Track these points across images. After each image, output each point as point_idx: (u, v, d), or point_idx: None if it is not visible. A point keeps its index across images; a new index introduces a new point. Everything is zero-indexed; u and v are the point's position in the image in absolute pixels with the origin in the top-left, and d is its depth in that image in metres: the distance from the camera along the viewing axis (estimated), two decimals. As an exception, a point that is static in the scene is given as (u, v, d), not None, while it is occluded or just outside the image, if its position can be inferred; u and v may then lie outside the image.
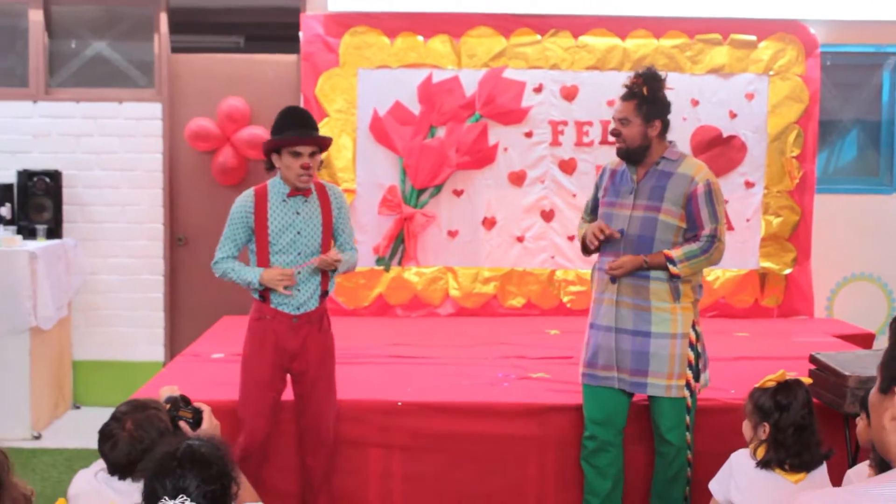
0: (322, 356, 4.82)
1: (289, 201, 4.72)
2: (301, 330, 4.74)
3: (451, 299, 7.75)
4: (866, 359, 4.88)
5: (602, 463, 4.76)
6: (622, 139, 4.70)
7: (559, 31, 7.74)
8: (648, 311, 4.64)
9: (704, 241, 4.67)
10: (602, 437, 4.74)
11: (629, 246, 4.66)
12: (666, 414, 4.68)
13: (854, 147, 8.38)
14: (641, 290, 4.64)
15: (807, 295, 7.91)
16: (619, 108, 4.74)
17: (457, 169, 7.66)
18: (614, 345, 4.67)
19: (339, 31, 7.66)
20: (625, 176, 4.77)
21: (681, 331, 4.66)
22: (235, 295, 7.77)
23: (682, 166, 4.72)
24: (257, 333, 4.78)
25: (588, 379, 4.77)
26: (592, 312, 4.82)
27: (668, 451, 4.72)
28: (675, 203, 4.66)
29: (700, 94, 7.75)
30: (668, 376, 4.63)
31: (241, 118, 7.73)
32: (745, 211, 7.82)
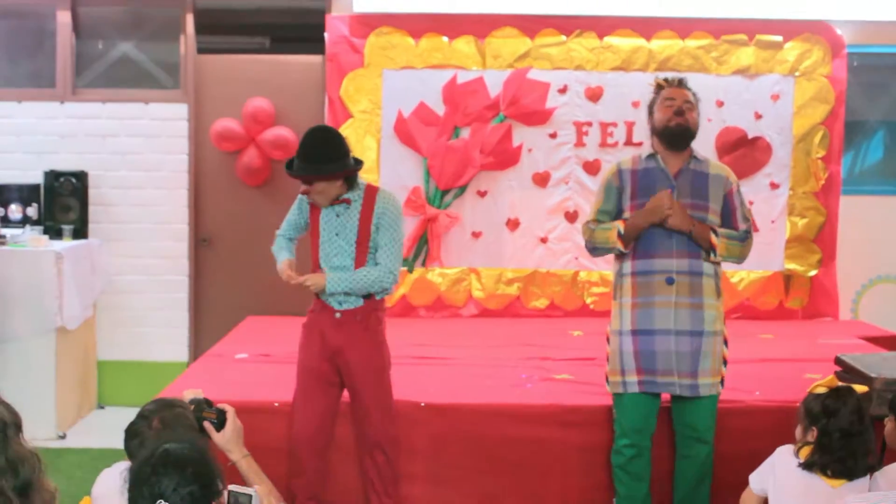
0: (368, 355, 4.79)
1: (332, 207, 4.81)
2: (344, 326, 4.76)
3: (475, 300, 7.75)
4: (893, 361, 4.84)
5: (639, 468, 4.70)
6: (685, 119, 4.64)
7: (584, 32, 7.72)
8: (702, 310, 4.59)
9: (742, 232, 4.74)
10: (640, 443, 4.69)
11: (681, 243, 4.59)
12: (703, 413, 4.65)
13: (880, 148, 8.33)
14: (696, 287, 4.58)
15: (832, 297, 7.86)
16: (681, 94, 4.71)
17: (481, 170, 7.66)
18: (674, 348, 4.58)
19: (364, 32, 7.68)
20: (653, 174, 4.68)
21: (720, 328, 4.67)
22: (260, 295, 7.83)
23: (712, 167, 4.75)
24: (308, 325, 4.89)
25: (646, 387, 4.61)
26: (634, 318, 4.64)
27: (700, 452, 4.67)
28: (717, 203, 4.69)
29: (725, 95, 7.72)
30: (713, 373, 4.62)
31: (266, 119, 7.75)
32: (771, 212, 7.78)
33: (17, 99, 7.87)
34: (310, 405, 4.81)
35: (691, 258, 4.60)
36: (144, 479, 2.47)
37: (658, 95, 4.78)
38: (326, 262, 4.81)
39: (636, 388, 4.63)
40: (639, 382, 4.63)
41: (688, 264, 4.60)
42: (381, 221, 4.76)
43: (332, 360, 4.79)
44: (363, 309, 4.79)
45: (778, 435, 4.65)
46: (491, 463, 5.07)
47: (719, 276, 4.72)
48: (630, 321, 4.66)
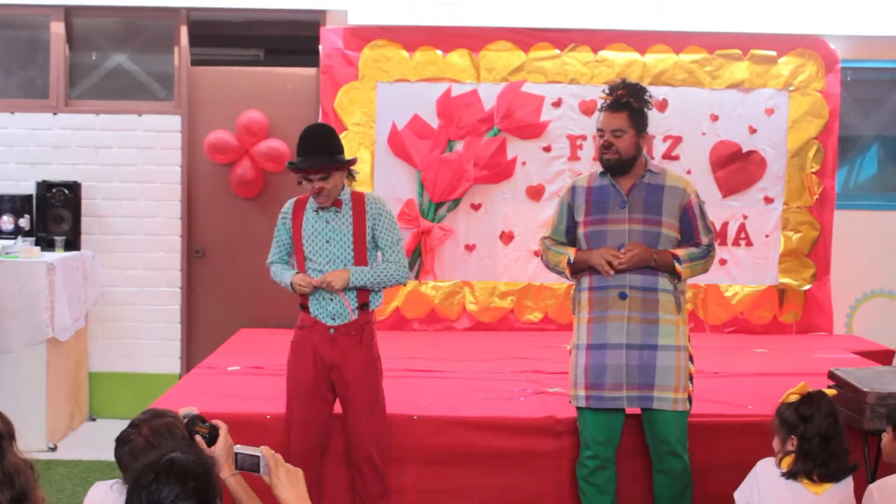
0: (363, 370, 4.74)
1: (321, 212, 4.75)
2: (339, 342, 4.71)
3: (468, 313, 7.73)
4: (886, 375, 4.83)
5: (602, 481, 4.69)
6: (615, 150, 4.60)
7: (578, 46, 7.73)
8: (656, 324, 4.58)
9: (704, 248, 4.70)
10: (603, 455, 4.68)
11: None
12: (673, 427, 4.63)
13: (874, 163, 8.34)
14: (650, 303, 4.59)
15: (826, 311, 7.86)
16: (610, 120, 4.62)
17: (475, 183, 7.65)
18: (624, 361, 4.59)
19: (359, 45, 7.68)
20: (606, 191, 4.68)
21: (683, 343, 4.65)
22: (253, 307, 7.82)
23: (669, 178, 4.71)
24: (298, 342, 4.81)
25: (593, 402, 4.63)
26: (589, 333, 4.67)
27: (676, 466, 4.64)
28: (672, 216, 4.65)
29: (720, 109, 7.73)
30: (675, 389, 4.58)
31: (259, 131, 7.74)
32: (765, 226, 7.78)
33: (10, 110, 7.86)
34: (305, 421, 4.76)
35: (645, 274, 4.59)
36: (145, 484, 2.44)
37: (599, 114, 4.73)
38: (316, 273, 4.73)
39: (584, 402, 4.67)
40: (586, 397, 4.67)
41: (641, 280, 4.59)
42: (377, 223, 4.75)
43: (326, 376, 4.75)
44: (356, 323, 4.74)
45: (771, 449, 4.65)
46: (483, 476, 5.05)
47: (680, 291, 4.70)
48: (586, 335, 4.70)
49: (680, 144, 7.70)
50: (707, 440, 4.95)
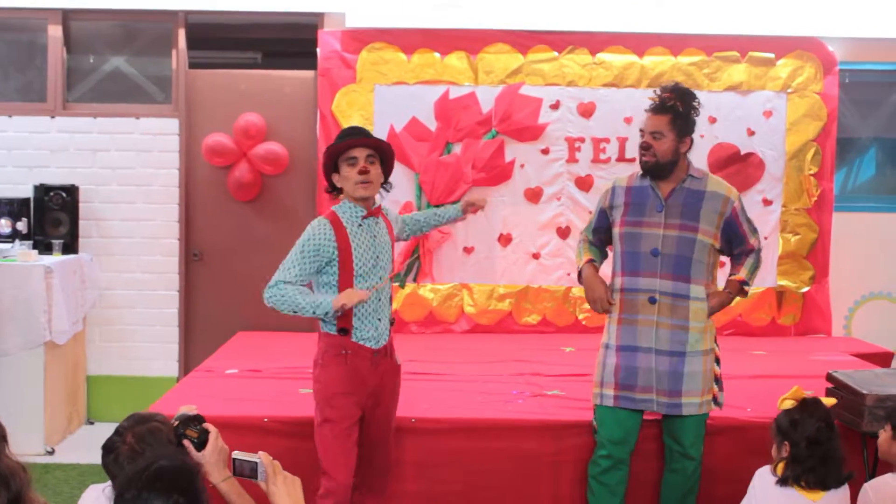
0: (395, 390, 4.63)
1: (364, 224, 4.45)
2: (380, 365, 4.48)
3: (467, 316, 7.72)
4: (884, 377, 4.83)
5: (613, 481, 4.69)
6: (652, 153, 4.60)
7: (576, 48, 7.73)
8: (686, 332, 4.58)
9: (756, 254, 4.79)
10: (617, 455, 4.69)
11: (666, 265, 4.57)
12: (690, 430, 4.64)
13: (873, 165, 8.34)
14: (680, 310, 4.59)
15: (824, 313, 7.85)
16: (652, 122, 4.63)
17: (473, 185, 7.64)
18: (654, 366, 4.59)
19: (357, 48, 7.67)
20: (646, 193, 4.68)
21: (710, 346, 4.65)
22: (251, 311, 7.79)
23: (710, 184, 4.69)
24: (341, 370, 4.39)
25: (622, 402, 4.63)
26: (619, 334, 4.67)
27: (687, 466, 4.67)
28: (710, 223, 4.63)
29: (718, 112, 7.72)
30: (701, 393, 4.60)
31: (257, 134, 7.73)
32: (763, 228, 7.75)
33: (7, 113, 7.85)
34: (351, 455, 4.42)
35: (676, 281, 4.59)
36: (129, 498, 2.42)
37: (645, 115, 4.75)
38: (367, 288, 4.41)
39: (611, 402, 4.66)
40: (614, 397, 4.66)
41: (672, 286, 4.59)
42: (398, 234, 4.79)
43: (364, 405, 4.48)
44: (390, 342, 4.58)
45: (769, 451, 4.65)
46: (482, 478, 5.04)
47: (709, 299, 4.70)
48: (615, 336, 4.69)
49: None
50: (707, 442, 4.92)
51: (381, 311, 4.47)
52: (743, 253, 4.78)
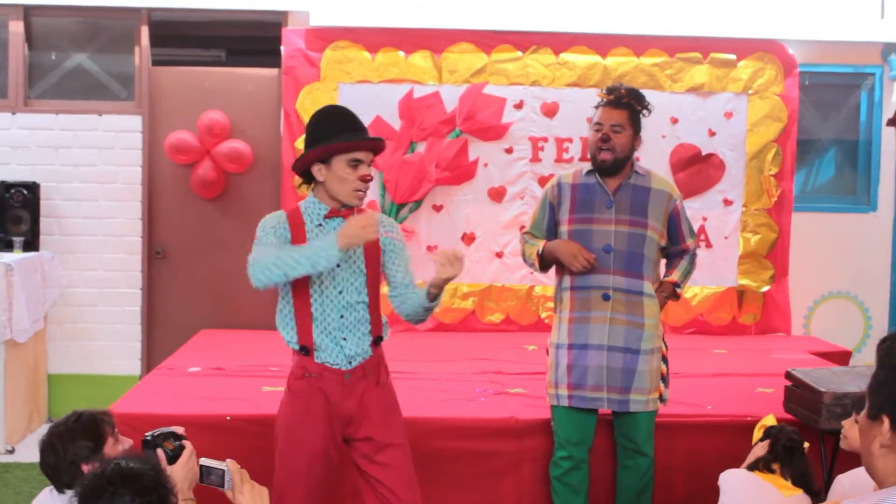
0: (386, 416, 4.00)
1: (326, 225, 3.91)
2: (356, 387, 3.92)
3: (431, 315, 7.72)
4: (842, 375, 4.89)
5: (576, 481, 4.70)
6: (611, 146, 4.58)
7: (540, 48, 7.77)
8: (641, 329, 4.58)
9: (690, 257, 4.81)
10: (577, 455, 4.68)
11: (619, 262, 4.57)
12: (642, 427, 4.65)
13: (832, 166, 8.43)
14: (635, 306, 4.58)
15: (784, 312, 7.94)
16: (611, 115, 4.61)
17: (436, 184, 7.66)
18: (605, 363, 4.57)
19: (321, 46, 7.67)
20: (593, 189, 4.65)
21: (659, 345, 4.68)
22: (214, 308, 7.79)
23: (655, 182, 4.71)
24: (301, 397, 3.90)
25: (575, 401, 4.60)
26: (571, 332, 4.63)
27: (641, 464, 4.67)
28: (657, 220, 4.65)
29: (679, 113, 7.79)
30: (650, 391, 4.61)
31: (221, 132, 7.71)
32: (724, 228, 7.85)
33: (-32, 109, 7.79)
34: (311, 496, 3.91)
35: (629, 277, 4.59)
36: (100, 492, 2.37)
37: (595, 111, 4.72)
38: (326, 307, 3.88)
39: (566, 401, 4.64)
40: (569, 397, 4.64)
41: (625, 283, 4.58)
42: (392, 242, 4.04)
43: (338, 436, 3.95)
44: (373, 361, 3.99)
45: (729, 449, 4.71)
46: (445, 476, 5.05)
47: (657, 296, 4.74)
48: (567, 335, 4.66)
49: (640, 147, 7.71)
50: (666, 440, 4.98)
51: (348, 328, 3.91)
52: (677, 254, 4.78)
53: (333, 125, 3.89)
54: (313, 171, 3.89)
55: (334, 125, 3.89)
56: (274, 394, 5.46)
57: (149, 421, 4.73)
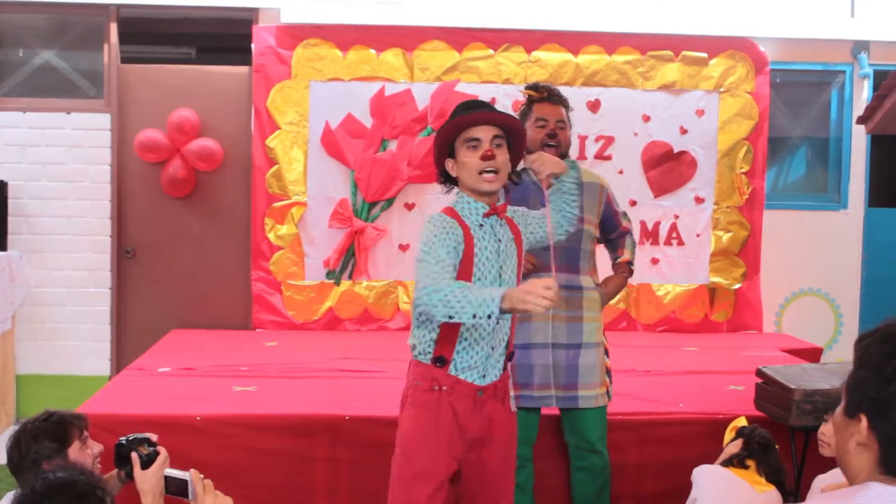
0: (509, 442, 3.72)
1: (486, 224, 3.60)
2: (486, 407, 3.60)
3: (402, 313, 7.71)
4: (813, 372, 4.89)
5: (521, 479, 4.64)
6: (558, 142, 4.54)
7: (512, 46, 7.75)
8: (580, 322, 4.55)
9: (630, 235, 4.86)
10: (522, 454, 4.64)
11: (561, 257, 4.52)
12: (593, 424, 4.58)
13: (803, 164, 8.46)
14: (574, 301, 4.55)
15: (756, 310, 7.96)
16: (554, 111, 4.56)
17: (408, 182, 7.64)
18: (551, 361, 4.52)
19: (292, 44, 7.63)
20: (527, 188, 4.53)
21: (601, 339, 4.66)
22: (184, 308, 7.73)
23: (585, 175, 4.67)
24: (430, 410, 3.55)
25: (523, 401, 4.51)
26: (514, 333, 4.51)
27: (595, 462, 4.59)
28: (592, 212, 4.64)
29: (651, 110, 7.79)
30: (597, 385, 4.57)
31: (191, 130, 7.65)
32: (695, 226, 7.86)
33: (-66, 107, 7.70)
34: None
35: (568, 273, 4.55)
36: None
37: (530, 109, 4.62)
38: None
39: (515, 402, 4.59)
40: (515, 397, 4.56)
41: (564, 279, 4.51)
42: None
43: (460, 457, 3.62)
44: (503, 379, 3.69)
45: (701, 446, 4.70)
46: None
47: (600, 288, 4.73)
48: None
49: (612, 145, 7.75)
50: (636, 438, 4.98)
51: (497, 336, 3.59)
52: (619, 236, 4.83)
53: (454, 113, 3.60)
54: (448, 168, 3.62)
55: (454, 113, 3.60)
56: (244, 394, 5.44)
57: (118, 422, 4.71)
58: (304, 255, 7.63)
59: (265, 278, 7.68)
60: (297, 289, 7.68)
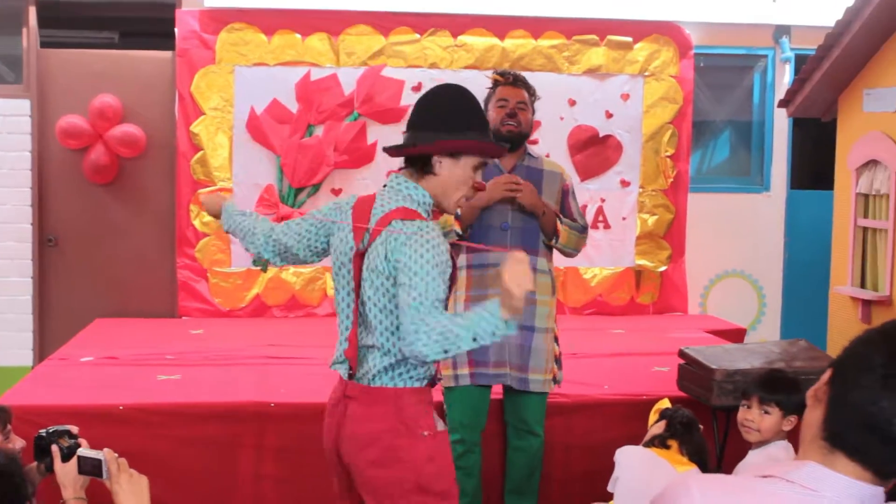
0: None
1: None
2: None
3: (329, 299, 7.67)
4: (734, 352, 4.97)
5: (469, 464, 4.66)
6: (518, 121, 4.63)
7: (438, 30, 7.73)
8: (534, 305, 4.57)
9: (580, 225, 4.77)
10: (470, 438, 4.66)
11: (516, 238, 4.56)
12: (535, 408, 4.67)
13: (726, 147, 8.57)
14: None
15: (681, 292, 8.05)
16: (515, 93, 4.67)
17: (335, 168, 7.60)
18: (505, 339, 4.55)
19: (216, 28, 7.54)
20: (488, 170, 4.47)
21: (552, 325, 4.69)
22: (108, 296, 7.63)
23: (547, 164, 4.80)
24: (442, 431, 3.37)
25: (477, 378, 4.56)
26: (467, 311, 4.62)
27: (532, 444, 4.67)
28: (551, 198, 4.69)
29: (577, 95, 7.83)
30: (545, 371, 4.62)
31: (113, 116, 7.53)
32: (621, 209, 7.93)
33: None
34: None
35: (527, 253, 4.58)
36: None
37: (493, 92, 4.75)
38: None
39: (468, 380, 4.59)
40: (470, 375, 4.59)
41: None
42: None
43: None
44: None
45: (627, 427, 4.76)
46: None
47: (553, 273, 4.77)
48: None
49: (538, 129, 7.76)
50: (565, 420, 5.02)
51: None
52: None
53: (472, 118, 3.38)
54: (434, 161, 3.34)
55: (473, 118, 3.38)
56: (169, 382, 5.40)
57: (40, 412, 4.64)
58: (230, 241, 7.56)
59: (191, 265, 7.60)
60: (224, 276, 7.61)
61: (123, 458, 2.85)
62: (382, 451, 3.20)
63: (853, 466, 1.71)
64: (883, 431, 1.67)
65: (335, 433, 3.33)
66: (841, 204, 6.95)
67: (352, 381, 3.29)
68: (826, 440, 1.74)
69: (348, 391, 3.30)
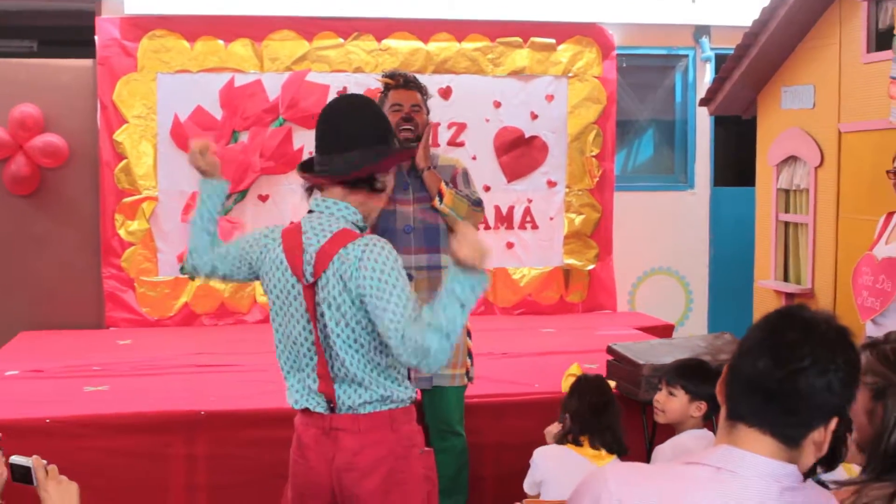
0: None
1: None
2: None
3: (259, 305, 7.63)
4: (660, 347, 5.04)
5: None
6: (413, 125, 4.62)
7: (362, 35, 7.74)
8: None
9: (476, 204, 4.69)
10: None
11: (419, 239, 4.60)
12: (453, 405, 4.66)
13: (650, 146, 8.67)
14: (436, 282, 4.55)
15: (609, 290, 8.13)
16: (408, 96, 4.64)
17: (261, 174, 7.56)
18: None
19: (137, 35, 7.47)
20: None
21: None
22: (33, 309, 7.49)
23: (441, 160, 4.76)
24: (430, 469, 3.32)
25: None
26: None
27: (456, 444, 4.67)
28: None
29: (502, 96, 7.87)
30: (453, 366, 4.62)
31: (34, 125, 7.42)
32: (549, 209, 7.99)
33: None
34: None
35: (429, 253, 4.61)
36: None
37: (385, 96, 4.70)
38: None
39: None
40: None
41: (426, 259, 4.60)
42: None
43: None
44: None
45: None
46: (275, 468, 4.99)
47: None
48: None
49: (464, 131, 7.81)
50: (494, 419, 5.05)
51: None
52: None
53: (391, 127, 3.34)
54: (379, 176, 3.21)
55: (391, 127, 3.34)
56: (96, 393, 5.33)
57: (-38, 428, 4.56)
58: (157, 250, 7.50)
59: (117, 275, 7.51)
60: (151, 285, 7.54)
61: (54, 465, 2.82)
62: (385, 476, 3.14)
63: (755, 435, 1.81)
64: (765, 391, 1.80)
65: (326, 467, 3.23)
66: (763, 200, 7.08)
67: (334, 413, 3.20)
68: (728, 418, 1.86)
69: (335, 423, 3.18)
